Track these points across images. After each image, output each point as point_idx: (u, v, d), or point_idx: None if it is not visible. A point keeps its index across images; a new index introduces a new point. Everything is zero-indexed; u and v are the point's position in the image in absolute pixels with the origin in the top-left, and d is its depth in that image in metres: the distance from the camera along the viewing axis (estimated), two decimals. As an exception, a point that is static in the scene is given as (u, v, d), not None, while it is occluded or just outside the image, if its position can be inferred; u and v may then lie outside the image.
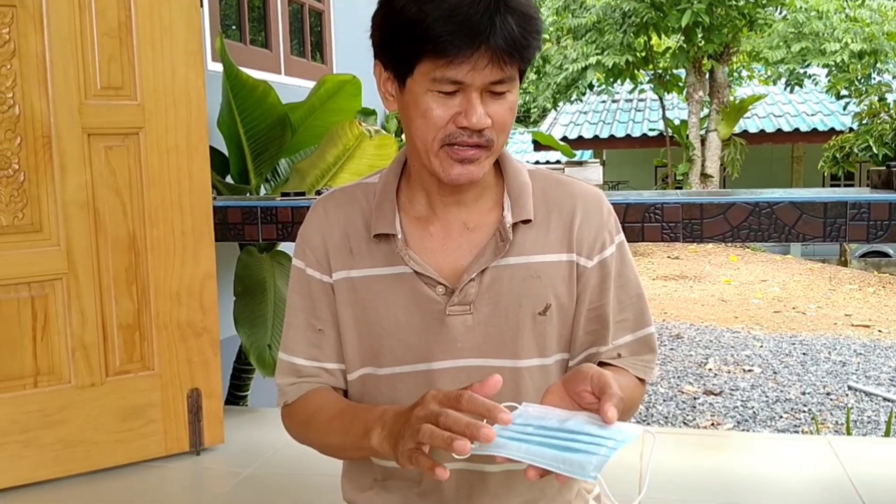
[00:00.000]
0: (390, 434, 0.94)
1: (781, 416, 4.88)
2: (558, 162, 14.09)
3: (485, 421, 0.85)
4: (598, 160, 13.20)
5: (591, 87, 13.86)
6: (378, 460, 1.16)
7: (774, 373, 5.76)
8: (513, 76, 1.01)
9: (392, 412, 0.97)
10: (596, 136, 14.81)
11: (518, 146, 17.33)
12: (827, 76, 12.55)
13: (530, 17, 0.99)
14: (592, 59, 12.82)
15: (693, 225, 2.25)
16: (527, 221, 1.11)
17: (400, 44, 1.00)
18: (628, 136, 14.72)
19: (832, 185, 15.42)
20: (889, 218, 2.16)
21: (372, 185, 1.17)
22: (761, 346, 6.47)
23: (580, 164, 9.60)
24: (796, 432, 4.60)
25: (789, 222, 2.21)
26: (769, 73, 15.20)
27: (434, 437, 0.84)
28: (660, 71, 13.23)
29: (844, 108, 11.88)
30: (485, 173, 1.07)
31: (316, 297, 1.15)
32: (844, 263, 11.54)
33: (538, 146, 14.08)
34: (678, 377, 5.72)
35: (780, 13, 13.73)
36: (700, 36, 12.15)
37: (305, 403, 1.15)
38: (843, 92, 11.21)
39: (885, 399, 5.12)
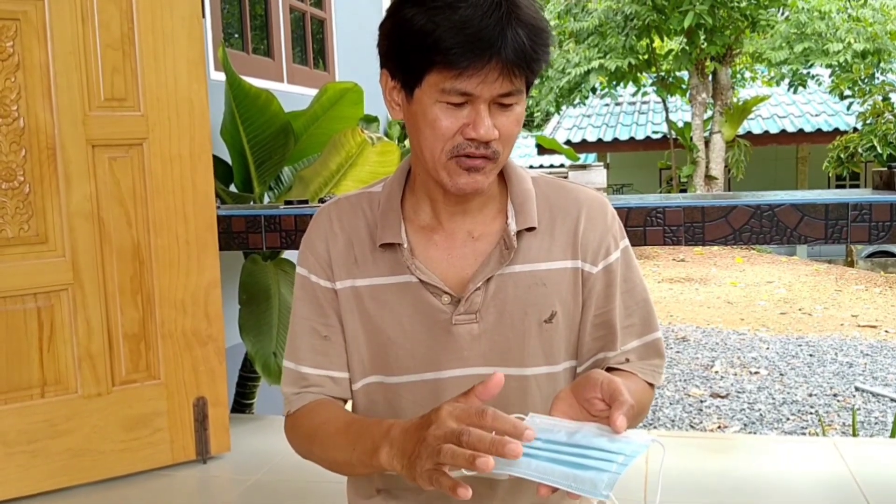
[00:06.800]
0: (401, 452, 0.92)
1: (788, 419, 4.87)
2: (562, 165, 14.10)
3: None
4: (601, 163, 13.24)
5: (594, 90, 13.87)
6: None
7: (781, 375, 5.75)
8: (521, 88, 1.01)
9: (399, 428, 0.95)
10: (600, 140, 14.81)
11: (522, 150, 17.33)
12: (830, 76, 12.52)
13: (541, 30, 0.98)
14: (595, 63, 12.83)
15: (695, 228, 2.25)
16: (531, 229, 1.11)
17: (409, 54, 1.00)
18: (632, 138, 14.72)
19: (838, 186, 15.40)
20: (891, 219, 2.16)
21: (376, 194, 1.17)
22: (768, 348, 6.45)
23: (584, 167, 9.62)
24: (803, 434, 4.59)
25: (791, 224, 2.21)
26: (772, 74, 15.19)
27: (456, 457, 0.82)
28: (662, 73, 13.22)
29: (848, 108, 11.86)
30: (489, 184, 1.07)
31: (322, 304, 1.15)
32: (851, 264, 11.51)
33: (542, 150, 14.06)
34: (685, 380, 5.71)
35: (783, 14, 13.73)
36: (702, 38, 12.15)
37: (310, 415, 1.13)
38: (847, 92, 11.18)
39: (892, 400, 5.11)
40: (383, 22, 1.04)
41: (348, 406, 1.19)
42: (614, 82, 13.59)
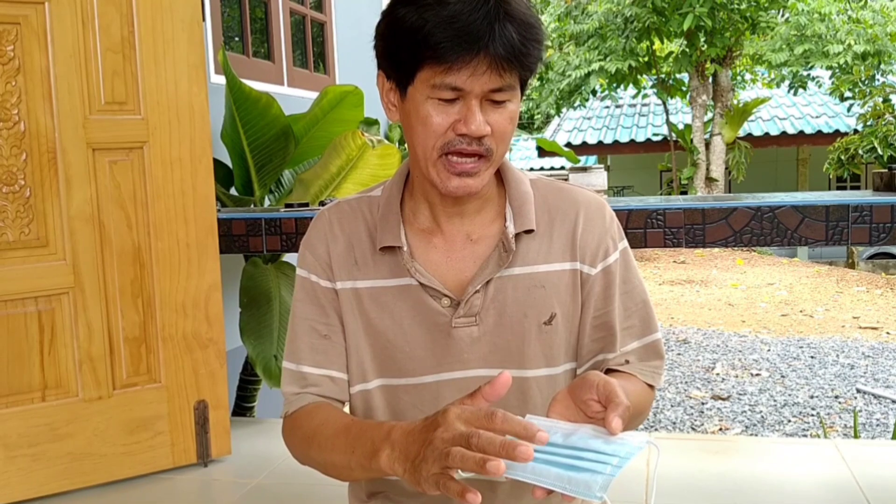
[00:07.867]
0: (403, 455, 0.89)
1: (790, 420, 4.86)
2: (563, 168, 14.12)
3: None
4: (602, 166, 13.22)
5: (594, 92, 13.87)
6: None
7: (782, 376, 5.74)
8: (513, 85, 1.01)
9: (400, 430, 0.92)
10: (600, 142, 14.82)
11: (522, 153, 17.35)
12: (830, 78, 12.54)
13: (530, 26, 0.99)
14: (595, 65, 12.83)
15: (695, 230, 2.25)
16: (529, 231, 1.12)
17: (401, 52, 1.00)
18: (632, 141, 14.73)
19: (838, 188, 15.40)
20: (891, 220, 2.16)
21: (375, 197, 1.17)
22: (769, 350, 6.44)
23: (585, 169, 9.60)
24: (805, 436, 4.58)
25: (791, 226, 2.21)
26: (772, 75, 15.19)
27: (465, 461, 0.80)
28: (663, 75, 13.23)
29: (849, 109, 11.86)
30: (484, 185, 1.07)
31: (323, 303, 1.15)
32: (852, 265, 11.51)
33: (542, 152, 14.11)
34: (686, 382, 5.70)
35: (783, 16, 13.74)
36: (703, 40, 12.16)
37: (308, 417, 1.12)
38: (847, 94, 11.19)
39: (893, 401, 5.10)
40: (378, 23, 1.05)
41: (346, 409, 1.18)
42: (614, 84, 13.59)
